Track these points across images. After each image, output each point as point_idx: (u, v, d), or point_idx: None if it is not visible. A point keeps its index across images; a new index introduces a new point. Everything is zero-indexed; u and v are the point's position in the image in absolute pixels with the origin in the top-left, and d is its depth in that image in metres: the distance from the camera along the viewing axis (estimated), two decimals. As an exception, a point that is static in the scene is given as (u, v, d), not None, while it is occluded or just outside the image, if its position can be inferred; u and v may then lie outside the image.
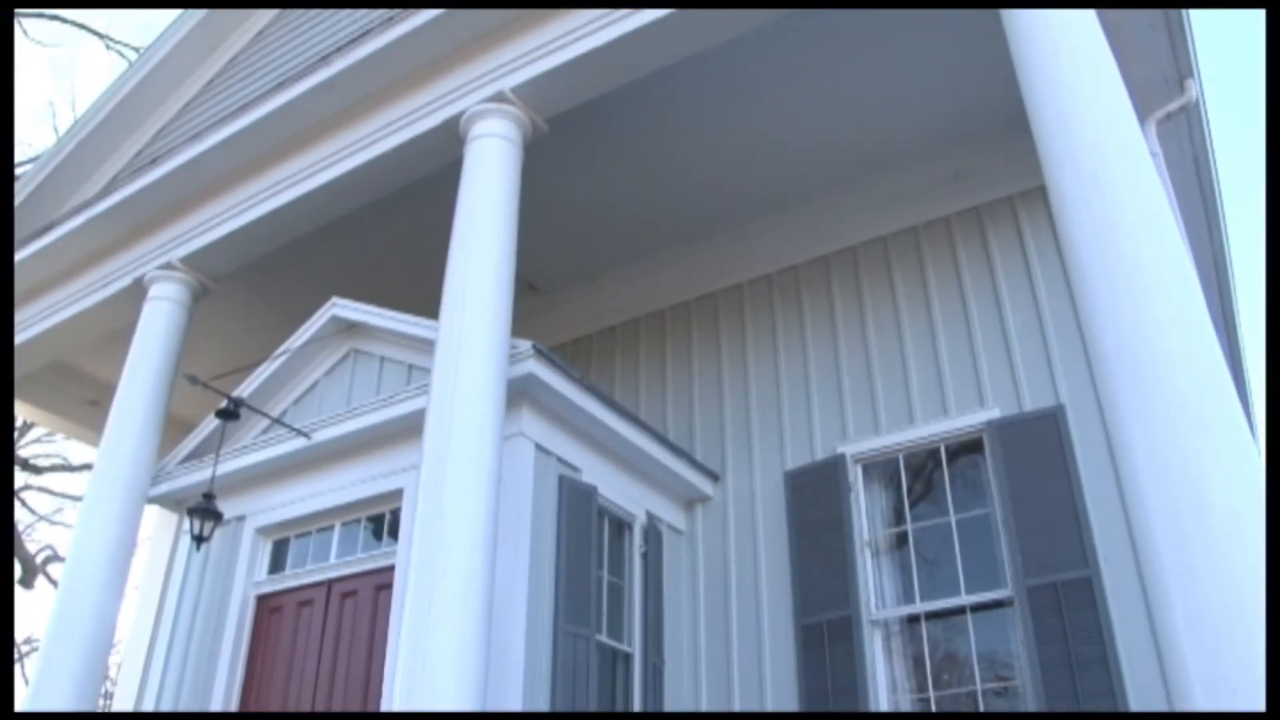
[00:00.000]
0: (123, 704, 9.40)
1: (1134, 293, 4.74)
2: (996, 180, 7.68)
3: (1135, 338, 5.06)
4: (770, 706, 6.90)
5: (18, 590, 21.04)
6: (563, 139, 7.31)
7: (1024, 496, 6.48)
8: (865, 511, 7.18)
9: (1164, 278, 4.77)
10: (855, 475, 7.30)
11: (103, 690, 8.96)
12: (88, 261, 8.93)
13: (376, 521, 7.16)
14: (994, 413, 6.91)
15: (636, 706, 6.72)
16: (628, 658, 6.85)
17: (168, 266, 8.22)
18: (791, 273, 8.41)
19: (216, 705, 7.05)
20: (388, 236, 8.78)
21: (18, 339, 9.39)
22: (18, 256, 9.09)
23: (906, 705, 6.59)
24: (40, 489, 23.23)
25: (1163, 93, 6.75)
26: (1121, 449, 6.01)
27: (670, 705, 7.00)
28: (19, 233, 9.25)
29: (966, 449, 7.04)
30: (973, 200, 7.78)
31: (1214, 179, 7.85)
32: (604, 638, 6.65)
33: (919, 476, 7.22)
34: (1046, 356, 6.93)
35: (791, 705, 6.82)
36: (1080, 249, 4.99)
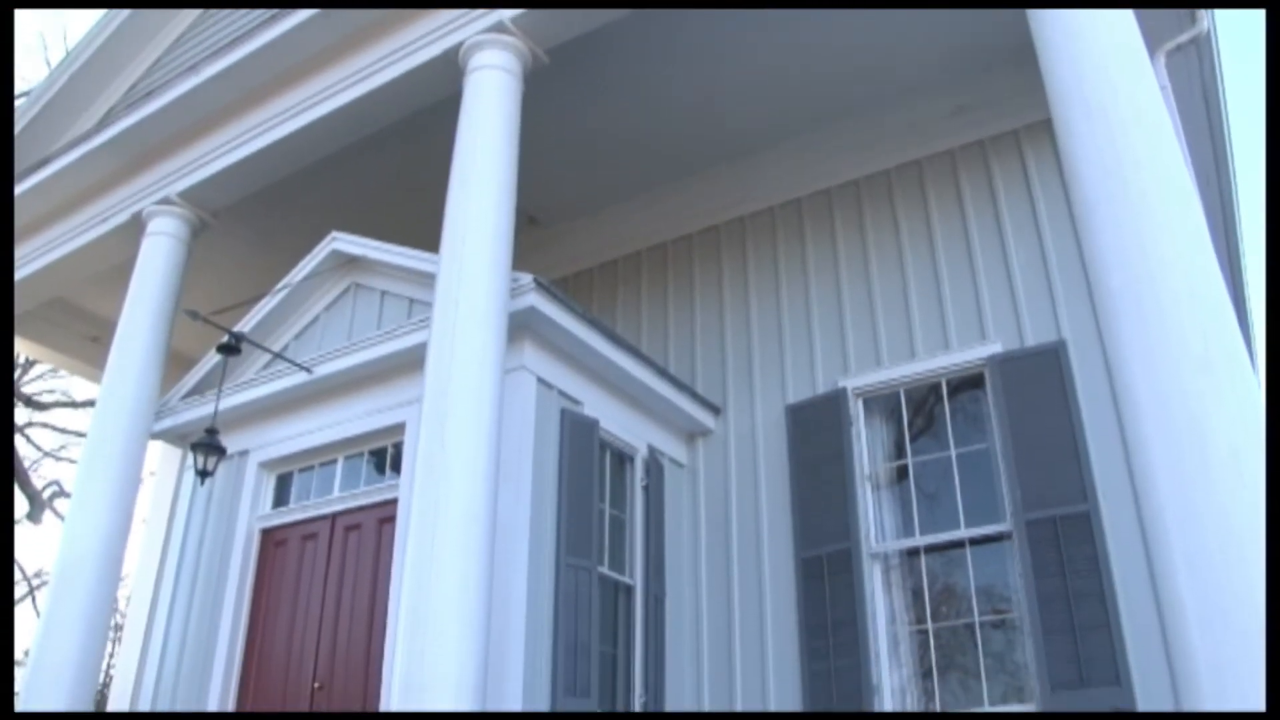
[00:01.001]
0: (132, 636, 9.52)
1: (1140, 230, 4.71)
2: (1002, 113, 7.59)
3: (1141, 275, 5.03)
4: (770, 636, 6.99)
5: (26, 525, 21.24)
6: (563, 71, 7.21)
7: (1024, 431, 6.50)
8: (866, 445, 7.20)
9: (1170, 215, 4.73)
10: (856, 409, 7.32)
11: (112, 622, 9.08)
12: (85, 196, 8.87)
13: (379, 455, 7.19)
14: (995, 347, 6.90)
15: (638, 638, 6.80)
16: (629, 589, 6.92)
17: (166, 201, 8.17)
18: (794, 206, 8.36)
19: (223, 637, 7.14)
20: (388, 170, 8.71)
21: (17, 275, 9.36)
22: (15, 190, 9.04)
23: (905, 637, 6.67)
24: (44, 425, 23.33)
25: (1173, 24, 6.64)
26: (1124, 387, 6.02)
27: (671, 636, 7.08)
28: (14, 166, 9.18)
29: (968, 383, 7.05)
30: (977, 134, 7.70)
31: (1223, 114, 7.75)
32: (606, 570, 6.71)
33: (920, 411, 7.23)
34: (1049, 291, 6.90)
35: (791, 635, 6.90)
36: (1086, 184, 4.94)
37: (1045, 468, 6.35)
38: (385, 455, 7.14)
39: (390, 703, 5.17)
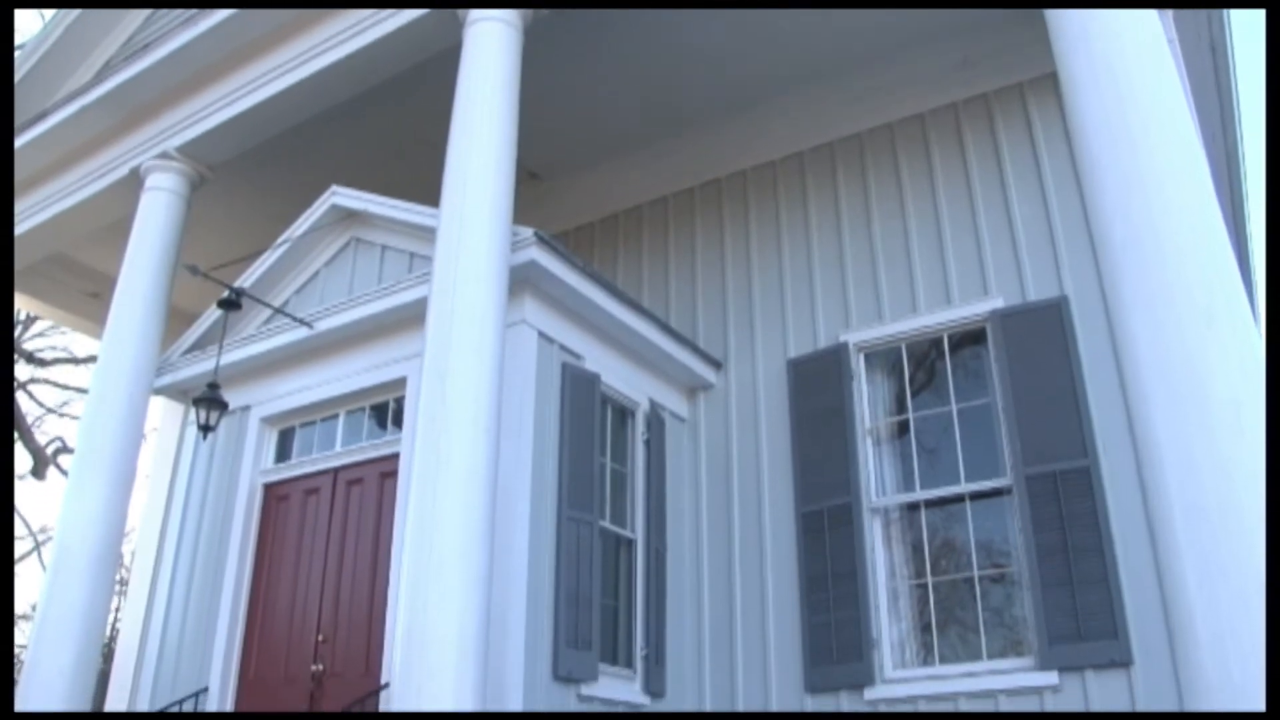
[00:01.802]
0: (137, 590, 9.60)
1: (1144, 183, 4.68)
2: (1007, 67, 7.51)
3: (1143, 228, 5.01)
4: (770, 589, 7.04)
5: (30, 481, 21.34)
6: (564, 24, 7.13)
7: (1025, 386, 6.51)
8: (867, 400, 7.21)
9: (1175, 168, 4.70)
10: (858, 364, 7.32)
11: (117, 577, 9.14)
12: (83, 151, 8.81)
13: (380, 410, 7.21)
14: (998, 302, 6.89)
15: (639, 591, 6.85)
16: (630, 543, 6.96)
17: (164, 156, 8.11)
18: (796, 159, 8.30)
19: (228, 592, 7.19)
20: (388, 126, 8.64)
21: (16, 230, 9.33)
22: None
23: (904, 591, 6.72)
24: (46, 382, 23.35)
25: (1181, -23, 6.56)
26: (1125, 340, 6.01)
27: (672, 589, 7.14)
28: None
29: (969, 339, 7.04)
30: (982, 87, 7.63)
31: (1230, 69, 7.68)
32: (607, 523, 6.75)
33: (921, 365, 7.23)
34: (1052, 247, 6.88)
35: (792, 588, 6.95)
36: (1091, 137, 4.91)
37: (1046, 423, 6.36)
38: (387, 410, 7.16)
39: (394, 654, 5.22)
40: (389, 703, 5.14)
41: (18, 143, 8.84)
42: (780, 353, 7.66)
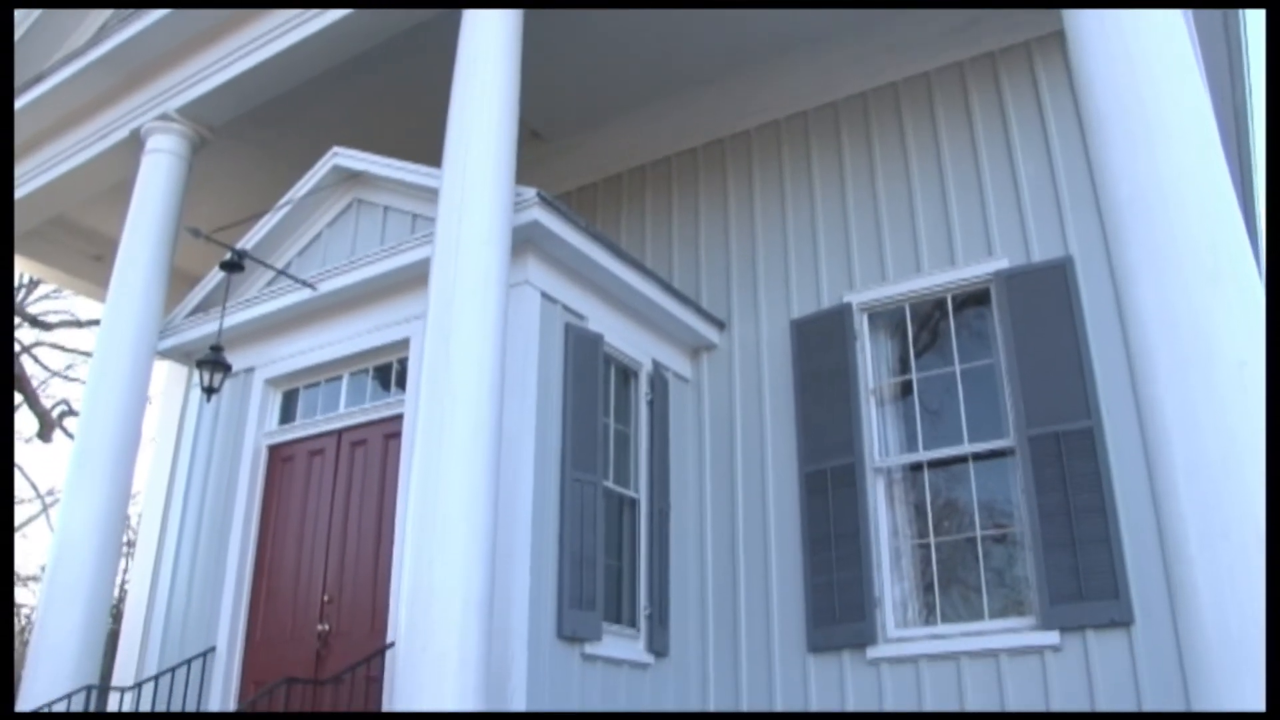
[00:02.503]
0: (144, 553, 9.65)
1: (1151, 140, 4.64)
2: (1013, 25, 7.43)
3: (1149, 186, 4.97)
4: (774, 549, 7.07)
5: (35, 444, 21.44)
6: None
7: (1029, 348, 6.50)
8: (871, 361, 7.20)
9: (1183, 125, 4.66)
10: (861, 324, 7.30)
11: (124, 539, 9.20)
12: (83, 113, 8.77)
13: (384, 371, 7.22)
14: (1002, 263, 6.86)
15: (643, 550, 6.89)
16: (634, 503, 6.98)
17: (164, 118, 8.08)
18: (800, 119, 8.24)
19: (234, 553, 7.23)
20: (388, 85, 8.57)
21: (17, 194, 9.30)
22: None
23: (907, 551, 6.75)
24: (51, 345, 23.38)
25: (1191, -70, 6.47)
26: (1130, 299, 5.99)
27: (676, 549, 7.17)
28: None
29: (973, 299, 7.02)
30: (988, 46, 7.55)
31: (1241, 24, 7.60)
32: (611, 483, 6.77)
33: (925, 326, 7.22)
34: (1057, 207, 6.83)
35: (795, 548, 6.98)
36: (1097, 94, 4.86)
37: (1049, 384, 6.35)
38: (390, 371, 7.16)
39: (399, 613, 5.26)
40: (395, 661, 5.19)
41: (17, 104, 8.80)
42: (784, 313, 7.65)
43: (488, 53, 6.14)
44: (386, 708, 5.69)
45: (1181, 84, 4.69)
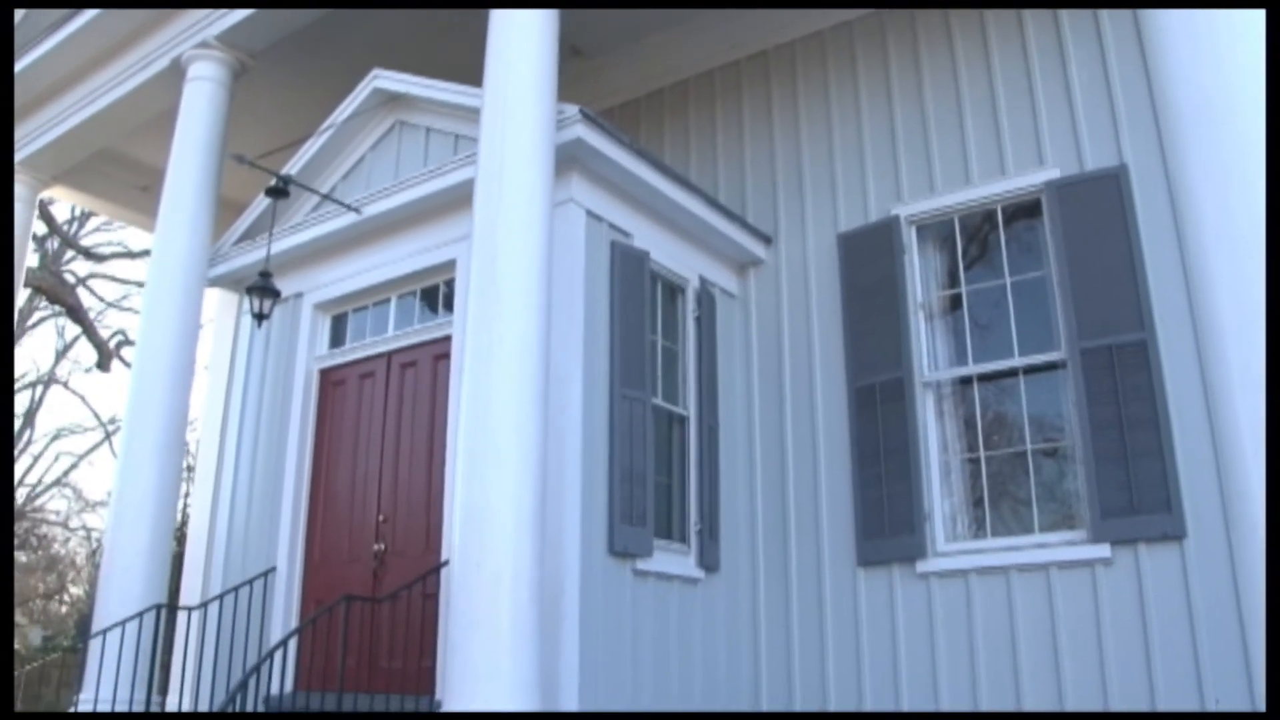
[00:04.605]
0: (203, 478, 9.86)
1: (1215, 42, 4.51)
2: (1068, -77, 7.16)
3: (1213, 91, 4.84)
4: (823, 464, 7.09)
5: (95, 374, 21.92)
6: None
7: (1081, 259, 6.38)
8: (919, 274, 7.11)
9: (1246, 31, 4.51)
10: (909, 237, 7.20)
11: (184, 464, 9.41)
12: (123, 44, 8.78)
13: (431, 293, 7.25)
14: (1054, 172, 6.70)
15: (693, 466, 6.93)
16: (683, 420, 7.01)
17: (204, 45, 8.07)
18: (845, 29, 8.02)
19: (290, 476, 7.39)
20: (427, 5, 8.47)
21: (62, 127, 9.39)
22: (47, 44, 8.98)
23: (956, 465, 6.73)
24: (105, 276, 23.78)
25: None
26: (1188, 208, 5.87)
27: (725, 466, 7.20)
28: (40, 21, 9.06)
29: (1024, 210, 6.88)
30: (1042, -52, 7.29)
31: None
32: (659, 400, 6.79)
33: (974, 238, 7.10)
34: (1111, 114, 6.62)
35: (844, 463, 6.98)
36: (1157, -4, 4.70)
37: (1102, 296, 6.25)
38: (437, 293, 7.20)
39: (453, 532, 5.35)
40: (450, 579, 5.30)
41: (56, 38, 8.82)
42: (830, 227, 7.55)
43: (526, -33, 6.04)
44: (443, 625, 5.83)
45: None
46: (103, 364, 21.68)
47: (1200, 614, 5.56)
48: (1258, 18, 4.53)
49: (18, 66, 9.24)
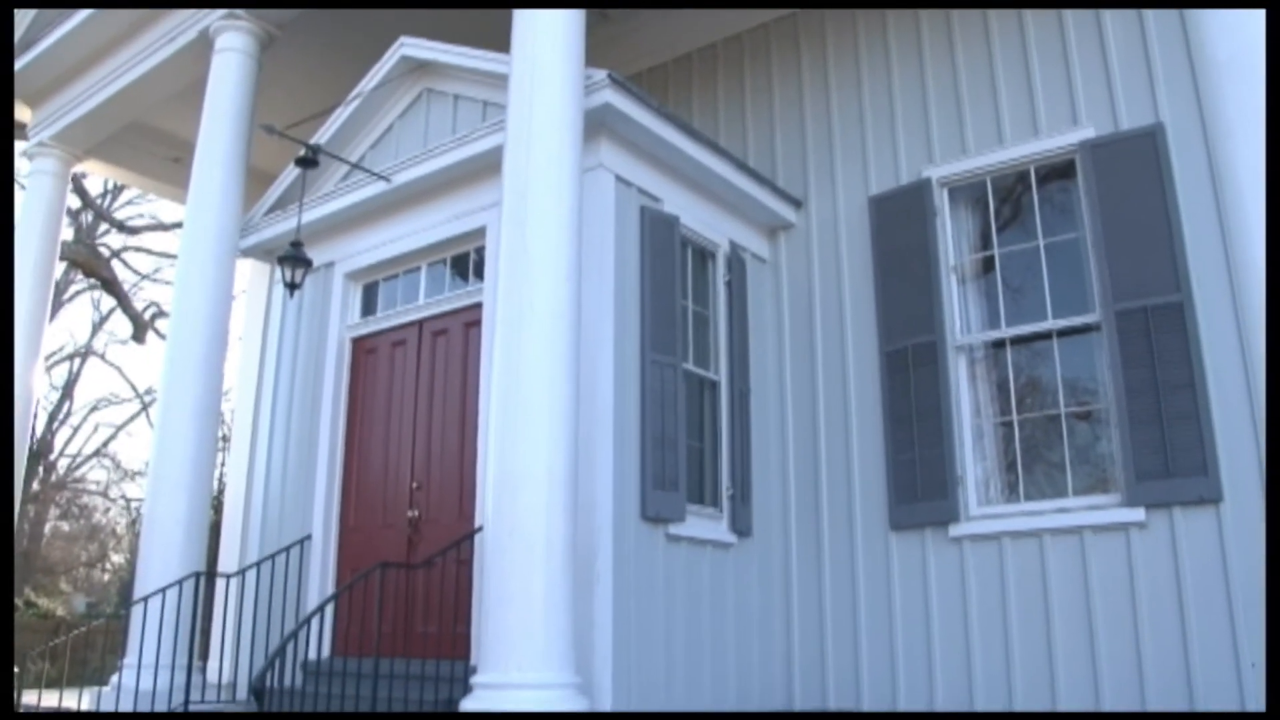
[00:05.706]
0: (239, 447, 9.99)
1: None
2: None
3: (1253, 44, 4.73)
4: (855, 427, 7.07)
5: (131, 346, 22.19)
6: None
7: (1116, 220, 6.30)
8: (951, 236, 7.05)
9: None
10: (941, 199, 7.13)
11: (220, 434, 9.52)
12: (150, 17, 8.80)
13: (461, 261, 7.26)
14: (1088, 132, 6.61)
15: (724, 431, 6.93)
16: (714, 385, 7.01)
17: (231, 15, 8.07)
18: (876, -10, 7.94)
19: (324, 444, 7.45)
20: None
21: (93, 101, 9.43)
22: (75, 19, 9.03)
23: (989, 429, 6.70)
24: (139, 249, 23.97)
25: None
26: (1226, 167, 5.78)
27: (757, 430, 7.20)
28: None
29: (1057, 171, 6.80)
30: (1075, -99, 7.15)
31: None
32: (690, 365, 6.79)
33: (1007, 200, 7.03)
34: (1147, 71, 6.51)
35: (876, 427, 6.97)
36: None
37: (1137, 257, 6.17)
38: (468, 260, 7.21)
39: (486, 499, 5.38)
40: (484, 545, 5.33)
41: (82, 14, 8.86)
42: (861, 190, 7.49)
43: (553, -69, 5.99)
44: (477, 590, 5.88)
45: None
46: (138, 336, 21.94)
47: (1236, 577, 5.53)
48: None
49: (45, 42, 9.30)
